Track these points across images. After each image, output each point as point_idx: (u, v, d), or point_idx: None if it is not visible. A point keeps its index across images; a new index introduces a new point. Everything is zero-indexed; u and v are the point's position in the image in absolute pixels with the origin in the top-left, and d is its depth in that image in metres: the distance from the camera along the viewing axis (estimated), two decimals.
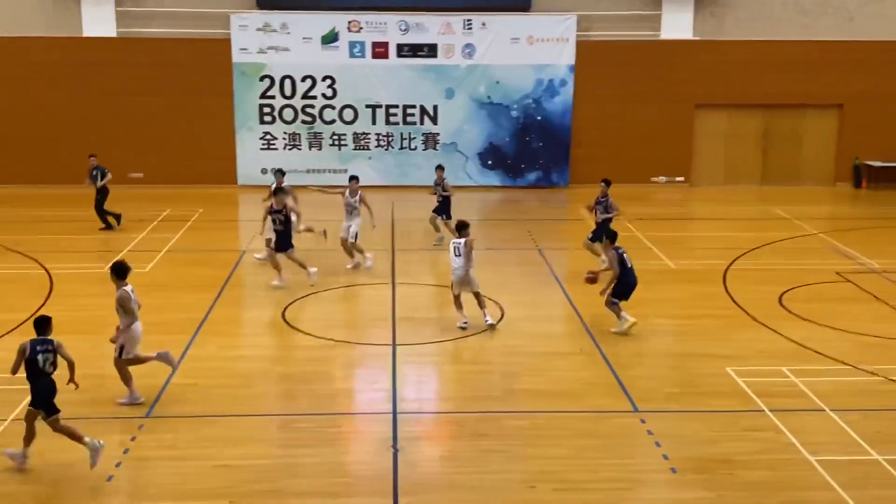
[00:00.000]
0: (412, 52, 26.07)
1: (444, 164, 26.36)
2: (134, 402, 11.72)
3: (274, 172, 18.75)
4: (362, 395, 12.44)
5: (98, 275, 17.08)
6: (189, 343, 13.77)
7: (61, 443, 10.53)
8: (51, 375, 10.24)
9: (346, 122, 26.33)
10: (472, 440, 10.84)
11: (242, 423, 11.21)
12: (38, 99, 25.37)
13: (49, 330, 10.49)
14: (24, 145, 25.46)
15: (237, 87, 25.86)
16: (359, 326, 14.92)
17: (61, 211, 22.68)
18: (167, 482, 9.80)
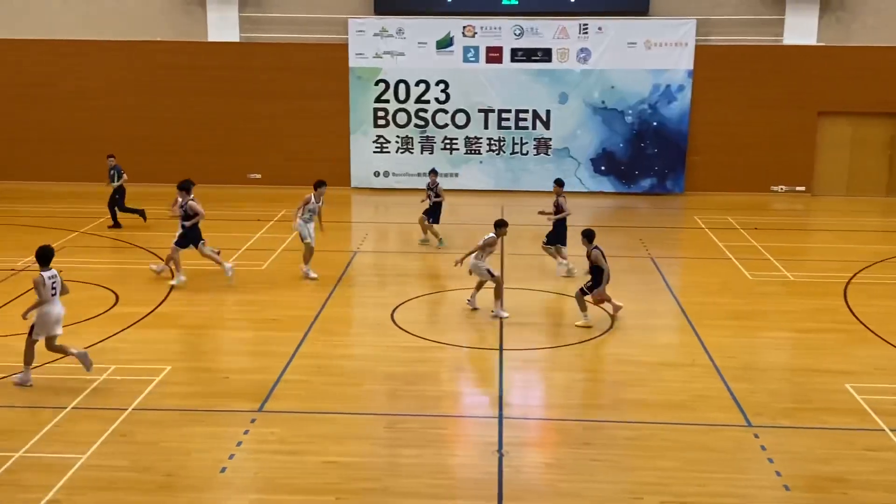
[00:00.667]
0: (526, 57, 26.02)
1: (555, 168, 26.31)
2: (23, 383, 12.06)
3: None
4: (468, 399, 12.46)
5: (216, 271, 17.61)
6: (301, 340, 14.04)
7: (177, 432, 10.90)
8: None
9: (458, 126, 26.47)
10: (578, 448, 10.72)
11: (349, 421, 11.37)
12: (162, 101, 26.33)
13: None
14: (148, 146, 26.45)
15: (353, 91, 26.29)
16: (466, 330, 14.94)
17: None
18: (276, 476, 10.01)
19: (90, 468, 10.04)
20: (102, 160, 25.96)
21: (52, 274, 12.21)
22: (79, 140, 26.38)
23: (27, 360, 12.16)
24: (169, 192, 24.97)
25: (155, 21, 26.12)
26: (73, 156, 26.47)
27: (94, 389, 12.06)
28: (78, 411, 11.44)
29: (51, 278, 12.17)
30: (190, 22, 26.19)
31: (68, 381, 12.35)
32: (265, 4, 26.13)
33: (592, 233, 15.01)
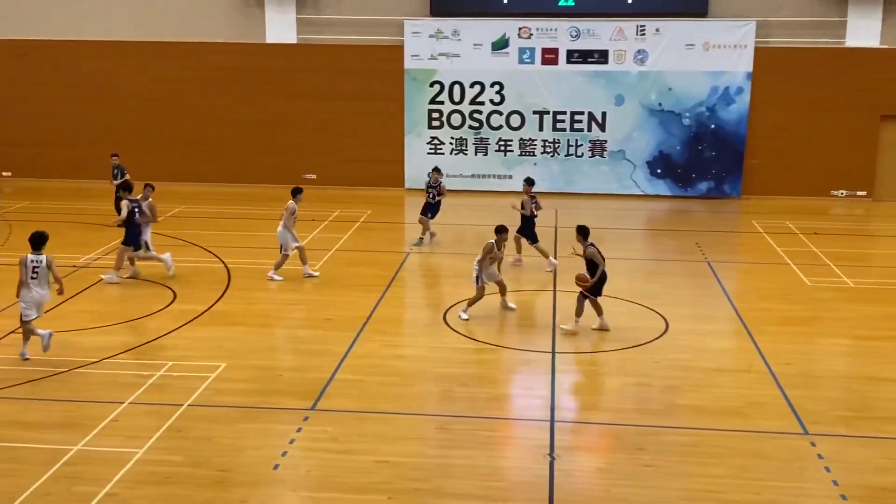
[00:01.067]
0: (582, 58, 25.88)
1: (610, 171, 26.16)
2: (22, 356, 12.93)
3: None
4: (519, 401, 12.42)
5: (294, 271, 17.79)
6: (354, 340, 14.13)
7: (232, 428, 11.03)
8: None
9: (512, 127, 26.41)
10: (630, 453, 10.63)
11: (401, 421, 11.41)
12: (220, 102, 26.68)
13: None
14: (205, 146, 26.83)
15: (408, 92, 26.39)
16: (519, 332, 14.91)
17: (238, 208, 23.74)
18: (329, 473, 10.08)
19: (146, 462, 10.21)
20: (159, 159, 26.47)
21: (36, 258, 12.90)
22: (136, 140, 26.82)
23: (25, 336, 13.11)
24: (228, 192, 25.35)
25: (214, 23, 26.48)
26: (131, 155, 26.86)
27: (151, 385, 12.27)
28: (135, 406, 11.64)
29: (33, 262, 12.87)
30: (249, 24, 26.50)
31: (127, 376, 12.58)
32: (322, 6, 26.35)
33: (587, 229, 14.83)
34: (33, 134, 26.91)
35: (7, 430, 10.95)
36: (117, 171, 21.84)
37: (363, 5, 26.21)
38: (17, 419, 11.24)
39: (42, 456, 10.28)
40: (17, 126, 27.02)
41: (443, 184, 20.38)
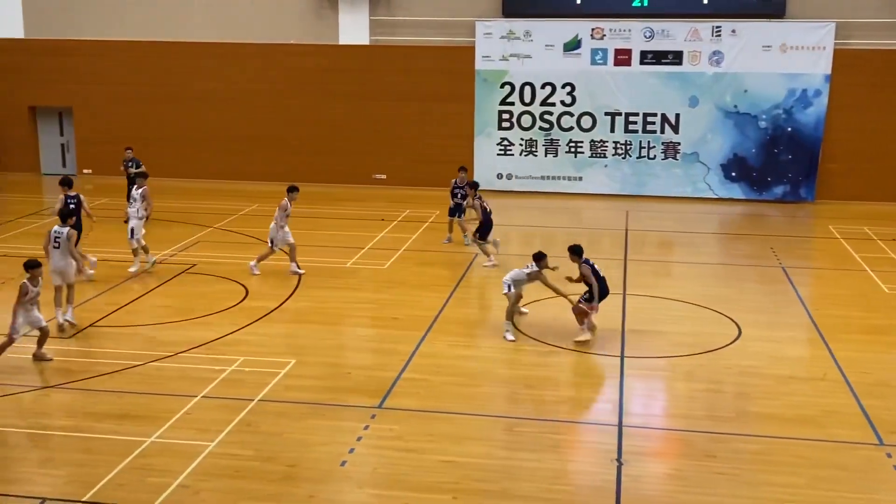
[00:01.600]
0: (656, 59, 25.59)
1: (682, 174, 25.84)
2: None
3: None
4: (587, 405, 12.33)
5: (340, 269, 17.97)
6: (421, 340, 14.18)
7: (300, 424, 11.16)
8: None
9: (583, 129, 26.23)
10: (700, 460, 10.47)
11: (468, 422, 11.41)
12: (293, 102, 27.03)
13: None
14: (278, 145, 27.20)
15: (478, 93, 26.39)
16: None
17: (309, 207, 23.99)
18: (394, 472, 10.13)
19: (217, 456, 10.38)
20: (232, 158, 26.92)
21: (60, 230, 14.30)
22: (212, 139, 27.33)
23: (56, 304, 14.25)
24: (300, 192, 25.60)
25: (289, 24, 26.84)
26: (207, 154, 27.45)
27: (223, 380, 12.48)
28: (207, 400, 11.85)
29: (56, 233, 14.43)
30: (322, 25, 26.80)
31: (200, 370, 12.82)
32: (395, 7, 26.51)
33: (580, 248, 14.26)
34: (112, 132, 27.58)
35: (83, 420, 11.24)
36: (131, 163, 22.21)
37: (435, 6, 26.31)
38: (94, 410, 11.53)
39: (117, 447, 10.52)
40: (97, 124, 27.73)
41: (468, 187, 19.71)
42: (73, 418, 11.34)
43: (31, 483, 9.87)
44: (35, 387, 12.29)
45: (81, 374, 12.64)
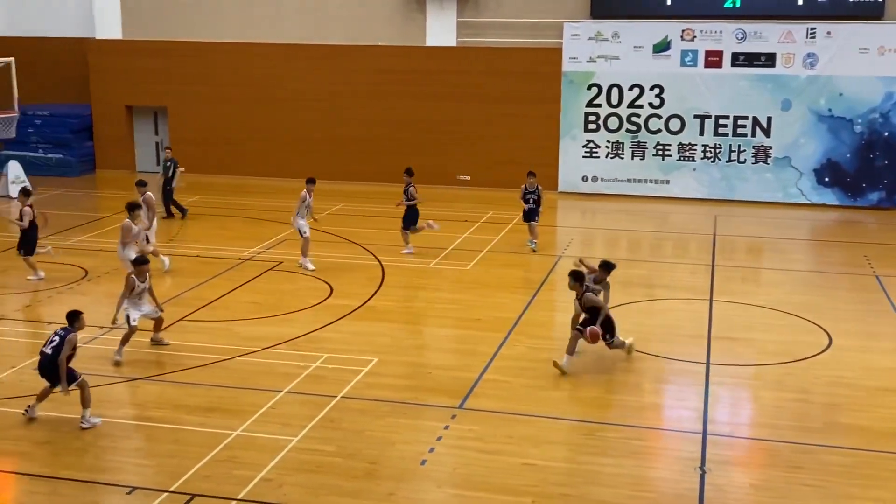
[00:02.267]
0: (748, 62, 25.05)
1: (774, 178, 25.26)
2: None
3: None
4: (671, 412, 12.15)
5: (423, 269, 18.08)
6: (503, 341, 14.17)
7: (382, 422, 11.27)
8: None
9: (671, 132, 25.84)
10: (786, 471, 10.23)
11: (549, 425, 11.36)
12: (380, 103, 27.26)
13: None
14: (364, 146, 27.46)
15: (565, 95, 26.23)
16: (672, 341, 14.56)
17: (394, 207, 24.14)
18: (474, 472, 10.15)
19: (300, 451, 10.55)
20: (321, 158, 27.29)
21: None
22: (300, 139, 27.74)
23: None
24: (385, 191, 25.87)
25: (378, 26, 27.09)
26: (295, 154, 27.88)
27: (307, 376, 12.68)
28: (292, 395, 12.06)
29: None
30: (410, 27, 26.99)
31: (285, 366, 13.05)
32: (482, 9, 26.54)
33: (581, 274, 13.32)
34: (206, 132, 28.26)
35: (173, 412, 11.55)
36: (170, 164, 22.54)
37: (523, 8, 26.24)
38: (183, 402, 11.83)
39: (204, 439, 10.78)
40: (192, 124, 28.43)
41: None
42: (163, 409, 11.66)
43: (122, 472, 10.18)
44: (127, 378, 12.67)
45: (172, 367, 12.99)
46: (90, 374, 12.63)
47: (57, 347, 11.07)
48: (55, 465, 10.20)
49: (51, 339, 11.20)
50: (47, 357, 11.12)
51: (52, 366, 11.08)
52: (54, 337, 11.19)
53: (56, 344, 11.09)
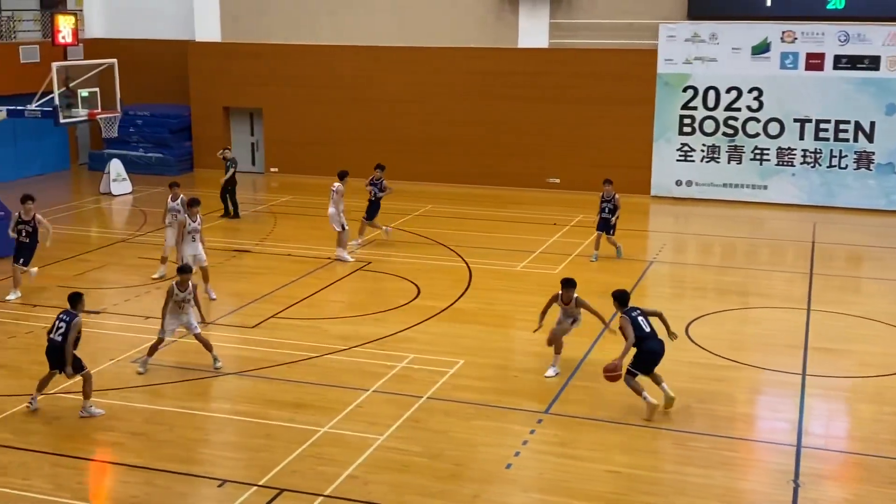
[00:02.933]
0: (851, 64, 24.25)
1: (877, 185, 24.41)
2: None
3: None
4: (764, 423, 11.84)
5: (509, 272, 18.01)
6: (592, 346, 14.01)
7: (467, 424, 11.25)
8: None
9: (770, 136, 25.19)
10: (883, 487, 9.85)
11: (636, 432, 11.18)
12: (469, 105, 27.26)
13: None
14: (453, 148, 27.49)
15: (659, 97, 25.81)
16: (766, 351, 14.18)
17: (482, 209, 24.17)
18: (560, 478, 10.05)
19: (386, 449, 10.61)
20: (409, 159, 27.43)
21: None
22: (390, 141, 27.93)
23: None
24: (473, 194, 25.87)
25: (469, 28, 27.11)
26: (385, 155, 27.98)
27: (393, 375, 12.75)
28: (378, 395, 12.14)
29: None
30: (502, 29, 26.93)
31: (372, 365, 13.15)
32: (575, 10, 26.32)
33: (625, 295, 11.96)
34: (298, 132, 28.70)
35: (263, 407, 11.75)
36: (230, 163, 22.79)
37: (618, 9, 25.93)
38: (272, 398, 12.02)
39: (292, 434, 10.94)
40: (284, 125, 28.93)
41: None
42: (253, 404, 11.87)
43: (213, 465, 10.40)
44: (219, 373, 12.94)
45: (262, 363, 13.22)
46: (184, 367, 12.97)
47: (64, 333, 11.18)
48: (149, 455, 10.48)
49: (57, 326, 11.27)
50: (56, 343, 11.23)
51: (59, 352, 11.21)
52: (60, 323, 11.25)
53: (63, 330, 11.20)
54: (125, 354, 13.48)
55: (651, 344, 11.50)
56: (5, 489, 9.68)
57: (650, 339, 11.51)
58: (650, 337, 11.52)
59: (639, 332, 11.43)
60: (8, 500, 9.50)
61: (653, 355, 11.52)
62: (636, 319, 11.56)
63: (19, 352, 13.60)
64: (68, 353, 11.21)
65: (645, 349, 11.47)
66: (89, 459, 10.53)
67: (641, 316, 11.63)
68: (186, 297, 12.78)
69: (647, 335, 11.50)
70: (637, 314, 11.64)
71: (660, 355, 11.57)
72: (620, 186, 25.88)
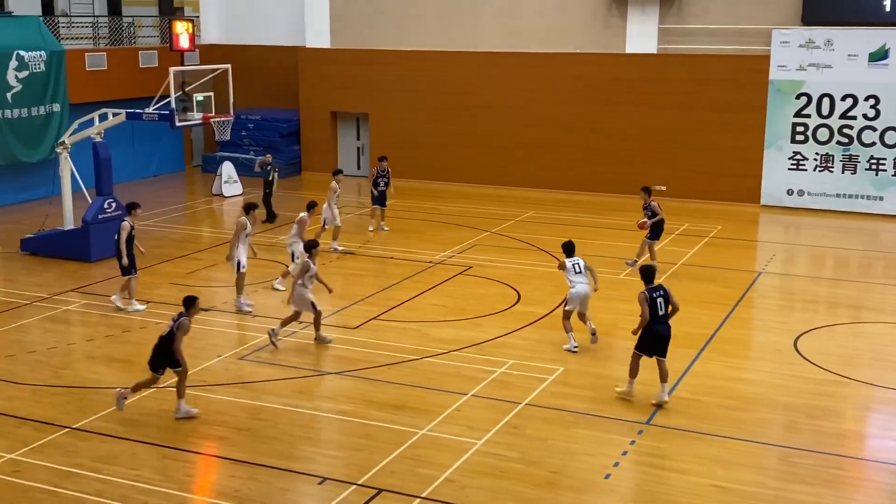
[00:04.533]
0: None
1: None
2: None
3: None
4: (873, 441, 11.41)
5: (613, 280, 17.81)
6: (695, 358, 13.75)
7: (565, 432, 11.18)
8: None
9: (887, 145, 24.26)
10: None
11: (739, 447, 10.92)
12: (574, 111, 27.07)
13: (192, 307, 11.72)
14: (558, 153, 27.32)
15: (771, 104, 25.16)
16: (878, 367, 13.66)
17: (584, 216, 23.95)
18: (659, 490, 9.90)
19: (483, 454, 10.63)
20: (511, 165, 27.42)
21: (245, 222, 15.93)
22: (494, 146, 27.96)
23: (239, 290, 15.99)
24: (576, 200, 25.69)
25: (575, 34, 26.94)
26: (489, 160, 28.14)
27: (492, 380, 12.77)
28: (477, 399, 12.17)
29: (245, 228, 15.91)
30: (609, 34, 26.68)
31: (471, 369, 13.20)
32: (685, 15, 25.89)
33: (651, 271, 12.49)
34: (404, 137, 29.00)
35: (362, 407, 11.92)
36: (271, 168, 22.88)
37: (730, 14, 25.39)
38: (372, 399, 12.18)
39: (391, 435, 11.06)
40: (391, 130, 29.27)
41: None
42: (354, 404, 12.05)
43: (314, 462, 10.60)
44: (320, 372, 13.18)
45: (363, 364, 13.41)
46: (289, 366, 13.26)
47: (171, 333, 11.42)
48: (253, 451, 10.74)
49: (169, 326, 11.54)
50: (164, 341, 11.47)
51: (167, 350, 11.44)
52: (172, 323, 11.52)
53: (170, 330, 11.45)
54: (232, 351, 13.87)
55: (657, 326, 11.90)
56: (116, 478, 10.07)
57: (658, 322, 11.91)
58: (660, 319, 11.93)
59: (652, 309, 11.85)
60: (118, 488, 9.87)
61: (656, 338, 11.92)
62: (653, 297, 11.92)
63: (133, 346, 14.13)
64: (178, 351, 11.45)
65: (651, 330, 11.90)
66: (196, 452, 10.86)
67: (661, 298, 11.95)
68: (316, 271, 14.21)
69: (658, 317, 11.90)
70: (657, 294, 11.97)
71: (663, 339, 11.95)
72: (727, 194, 25.54)
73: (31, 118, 24.62)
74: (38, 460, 10.46)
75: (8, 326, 15.08)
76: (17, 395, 12.29)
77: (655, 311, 11.85)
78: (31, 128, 24.66)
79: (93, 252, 18.79)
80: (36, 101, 24.72)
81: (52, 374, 13.06)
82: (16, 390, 12.47)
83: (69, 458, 10.50)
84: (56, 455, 10.58)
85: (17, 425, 11.38)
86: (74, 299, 16.49)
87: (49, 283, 17.38)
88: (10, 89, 23.97)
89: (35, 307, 16.04)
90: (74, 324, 15.54)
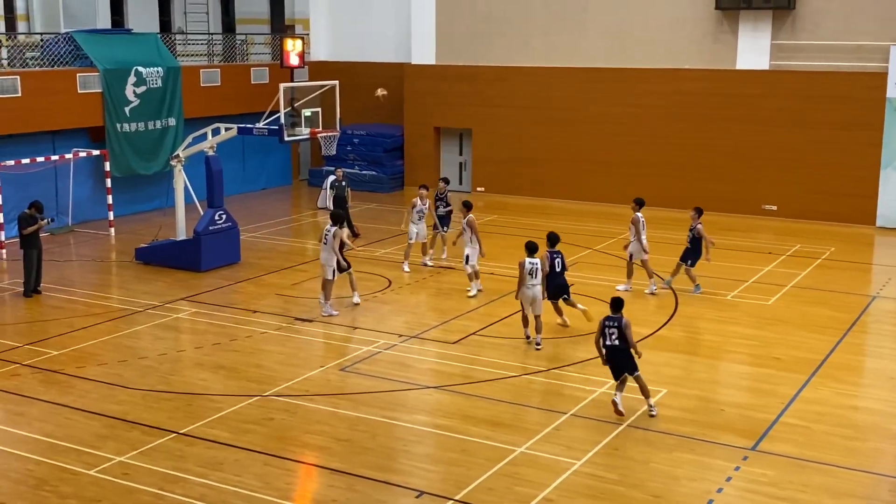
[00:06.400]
0: None
1: None
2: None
3: None
4: None
5: (719, 301, 17.39)
6: (804, 384, 13.29)
7: (668, 455, 10.94)
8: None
9: None
10: None
11: (849, 477, 10.50)
12: (682, 127, 26.60)
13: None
14: (664, 170, 26.85)
15: (888, 122, 24.24)
16: None
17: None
18: None
19: (582, 475, 10.49)
20: (614, 182, 27.08)
21: (327, 228, 16.22)
22: (598, 162, 27.71)
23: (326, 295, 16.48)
24: (681, 218, 25.21)
25: (684, 50, 26.52)
26: (593, 176, 27.89)
27: (592, 400, 12.60)
28: (577, 419, 12.02)
29: (325, 231, 16.24)
30: (719, 50, 26.17)
31: (570, 388, 13.06)
32: (799, 31, 25.20)
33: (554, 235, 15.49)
34: (507, 153, 29.00)
35: (460, 423, 11.90)
36: (344, 183, 22.78)
37: (846, 30, 24.60)
38: (470, 414, 12.16)
39: (489, 452, 11.01)
40: (493, 145, 29.32)
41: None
42: (451, 419, 12.05)
43: (411, 475, 10.62)
44: (419, 386, 13.23)
45: (461, 379, 13.40)
46: (388, 378, 13.36)
47: (622, 337, 11.92)
48: (352, 461, 10.84)
49: (609, 332, 12.00)
50: (616, 347, 11.97)
51: (624, 354, 11.94)
52: (612, 329, 11.98)
53: (616, 335, 11.96)
54: (334, 362, 14.05)
55: (556, 279, 15.18)
56: (220, 484, 10.29)
57: (556, 276, 15.16)
58: (557, 276, 15.19)
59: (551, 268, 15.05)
60: (221, 494, 10.09)
61: (555, 288, 15.23)
62: (553, 258, 15.16)
63: (239, 354, 14.47)
64: (633, 347, 11.99)
65: (552, 283, 15.13)
66: (297, 461, 11.02)
67: (558, 258, 15.21)
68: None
69: (555, 273, 15.13)
70: (555, 256, 15.18)
71: (560, 288, 15.33)
72: (842, 215, 24.67)
73: (148, 132, 25.53)
74: (146, 463, 10.77)
75: (121, 333, 15.63)
76: (128, 400, 12.71)
77: (553, 268, 15.01)
78: (148, 141, 25.57)
79: (203, 262, 19.34)
80: (153, 115, 25.64)
81: (162, 379, 13.47)
82: (127, 395, 12.90)
83: (176, 463, 10.79)
84: (163, 459, 10.89)
85: (128, 429, 11.76)
86: (184, 307, 17.00)
87: (161, 292, 17.95)
88: (129, 104, 24.93)
89: (147, 314, 16.58)
90: (184, 331, 16.01)
